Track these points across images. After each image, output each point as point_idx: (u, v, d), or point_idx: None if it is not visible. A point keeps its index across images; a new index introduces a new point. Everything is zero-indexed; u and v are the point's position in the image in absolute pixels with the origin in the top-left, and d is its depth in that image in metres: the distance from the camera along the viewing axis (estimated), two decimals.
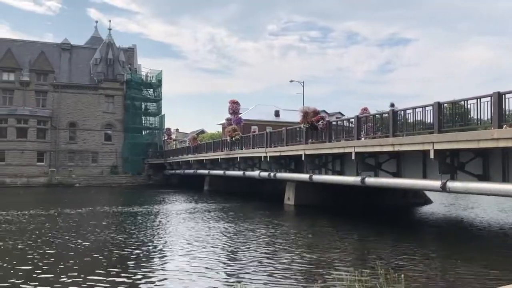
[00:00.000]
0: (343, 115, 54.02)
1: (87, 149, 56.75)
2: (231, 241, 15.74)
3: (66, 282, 10.25)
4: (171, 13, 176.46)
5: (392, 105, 22.08)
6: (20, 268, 11.47)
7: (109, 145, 57.92)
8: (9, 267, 11.55)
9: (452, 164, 15.75)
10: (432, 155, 14.92)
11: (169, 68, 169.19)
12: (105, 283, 10.20)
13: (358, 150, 19.16)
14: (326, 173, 24.52)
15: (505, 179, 14.61)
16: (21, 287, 9.88)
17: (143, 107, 61.71)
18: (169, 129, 67.52)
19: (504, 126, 12.67)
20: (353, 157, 19.49)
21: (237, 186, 38.65)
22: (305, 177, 24.70)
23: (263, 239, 16.09)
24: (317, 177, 23.78)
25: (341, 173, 23.69)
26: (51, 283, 10.17)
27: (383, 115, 18.68)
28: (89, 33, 67.32)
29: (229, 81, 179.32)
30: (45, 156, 54.02)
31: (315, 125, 22.36)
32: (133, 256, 13.26)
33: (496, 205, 28.75)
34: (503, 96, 12.62)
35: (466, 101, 13.99)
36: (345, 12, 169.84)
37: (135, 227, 19.24)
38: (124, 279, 10.57)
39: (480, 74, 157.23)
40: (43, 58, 56.14)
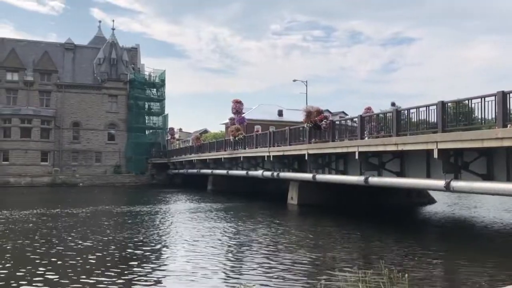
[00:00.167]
0: (346, 115, 53.83)
1: (90, 149, 56.90)
2: (234, 241, 15.74)
3: (68, 281, 10.25)
4: (174, 13, 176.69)
5: (393, 104, 22.04)
6: (22, 267, 11.48)
7: (113, 144, 58.06)
8: (12, 267, 11.56)
9: (456, 163, 15.70)
10: (436, 155, 14.87)
11: (172, 67, 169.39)
12: (107, 283, 10.20)
13: (361, 149, 19.12)
14: (329, 173, 24.48)
15: (510, 179, 14.52)
16: (24, 286, 9.89)
17: (147, 106, 61.84)
18: (172, 129, 67.59)
19: (508, 125, 12.61)
20: (356, 157, 19.45)
21: (240, 185, 38.66)
22: (308, 176, 24.67)
23: (266, 239, 16.08)
24: (321, 177, 23.74)
25: (344, 173, 23.66)
26: (53, 282, 10.19)
27: (387, 115, 18.63)
28: (93, 33, 67.53)
29: (232, 80, 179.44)
30: (48, 155, 54.19)
31: (319, 125, 22.32)
32: (135, 255, 13.28)
33: (500, 204, 28.66)
34: (508, 95, 12.56)
35: (470, 100, 13.93)
36: (348, 11, 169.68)
37: (138, 226, 19.26)
38: (126, 279, 10.57)
39: (484, 73, 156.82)
40: (47, 58, 56.32)
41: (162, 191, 43.53)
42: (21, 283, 10.09)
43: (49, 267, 11.59)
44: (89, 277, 10.54)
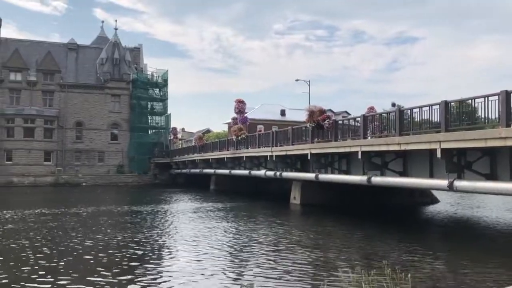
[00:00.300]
0: (349, 114, 53.81)
1: (93, 149, 57.01)
2: (236, 241, 15.74)
3: (70, 281, 10.25)
4: (177, 13, 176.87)
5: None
6: (24, 267, 11.50)
7: (116, 144, 58.15)
8: (14, 267, 11.58)
9: (459, 163, 15.66)
10: (439, 154, 14.83)
11: (175, 67, 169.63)
12: (108, 283, 10.20)
13: (364, 149, 19.09)
14: (332, 172, 24.45)
15: None
16: (26, 286, 9.91)
17: (149, 106, 61.91)
18: (175, 129, 67.61)
19: None
20: (359, 156, 19.42)
21: (243, 185, 38.67)
22: (311, 176, 24.65)
23: (269, 239, 16.07)
24: (323, 176, 23.71)
25: (347, 172, 23.63)
26: (54, 282, 10.18)
27: (390, 114, 18.59)
28: (95, 33, 67.63)
29: (235, 80, 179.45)
30: (52, 155, 54.32)
31: (321, 124, 22.29)
32: (137, 255, 13.28)
33: (503, 204, 28.59)
34: (511, 94, 12.52)
35: (473, 100, 13.89)
36: (352, 10, 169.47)
37: (140, 226, 19.28)
38: (127, 279, 10.56)
39: (488, 72, 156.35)
40: (50, 58, 56.45)
41: (164, 190, 43.58)
42: (22, 283, 10.10)
43: (51, 267, 11.62)
44: (91, 277, 10.55)
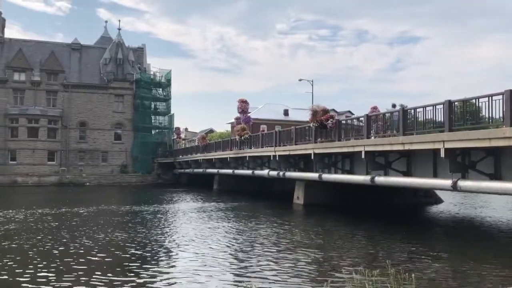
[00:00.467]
0: (352, 114, 53.79)
1: (97, 149, 57.16)
2: (239, 241, 15.72)
3: (72, 281, 10.26)
4: (179, 12, 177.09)
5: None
6: (26, 267, 11.52)
7: (119, 144, 58.28)
8: (16, 267, 11.61)
9: (463, 163, 15.61)
10: (442, 154, 14.79)
11: (178, 67, 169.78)
12: (110, 283, 10.20)
13: (368, 149, 19.04)
14: (335, 172, 24.42)
15: None
16: (28, 286, 9.92)
17: (153, 106, 62.02)
18: (178, 128, 67.72)
19: None
20: (363, 156, 19.38)
21: (246, 185, 38.67)
22: (314, 176, 24.62)
23: (272, 239, 16.05)
24: (327, 176, 23.68)
25: (350, 172, 23.59)
26: (56, 282, 10.18)
27: (393, 114, 18.54)
28: (99, 33, 67.84)
29: (238, 80, 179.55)
30: (55, 155, 54.51)
31: (325, 124, 22.26)
32: (140, 255, 13.29)
33: (507, 204, 28.49)
34: None
35: (477, 99, 13.83)
36: (355, 10, 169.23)
37: (143, 226, 19.29)
38: (129, 279, 10.55)
39: (492, 72, 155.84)
40: (54, 58, 56.63)
41: (168, 190, 43.63)
42: (24, 282, 10.12)
43: (54, 267, 11.62)
44: (92, 277, 10.54)
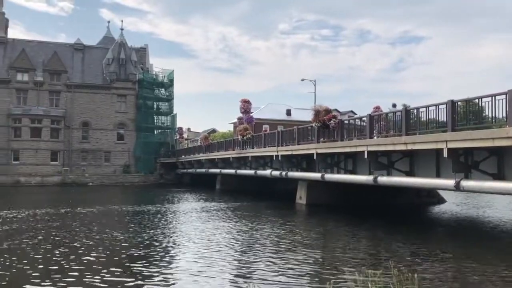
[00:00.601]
0: (355, 114, 53.71)
1: (100, 149, 57.24)
2: (242, 241, 15.73)
3: (74, 281, 10.26)
4: (182, 12, 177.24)
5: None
6: (28, 267, 11.53)
7: (122, 144, 58.35)
8: (18, 267, 11.63)
9: (466, 162, 15.56)
10: (445, 154, 14.75)
11: (180, 67, 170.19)
12: (112, 283, 10.21)
13: (370, 149, 19.01)
14: (338, 172, 24.38)
15: None
16: (30, 286, 9.93)
17: (155, 106, 62.08)
18: (181, 128, 67.74)
19: None
20: (365, 156, 19.35)
21: (248, 185, 38.66)
22: (317, 176, 24.59)
23: (274, 239, 16.04)
24: (329, 176, 23.65)
25: (353, 172, 23.55)
26: (59, 282, 10.19)
27: (396, 114, 18.51)
28: (101, 33, 67.98)
29: (240, 80, 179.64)
30: (58, 155, 54.61)
31: (327, 124, 22.23)
32: (142, 255, 13.28)
33: (509, 204, 28.40)
34: None
35: (480, 99, 13.79)
36: (357, 10, 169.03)
37: (145, 226, 19.30)
38: (131, 279, 10.53)
39: (494, 71, 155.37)
40: (56, 58, 56.74)
41: (170, 190, 43.66)
42: (25, 283, 10.12)
43: (56, 267, 11.64)
44: (94, 277, 10.54)
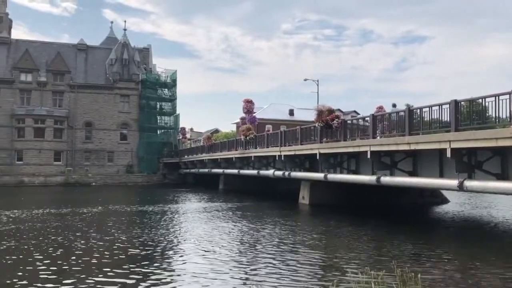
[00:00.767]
0: (358, 114, 53.64)
1: (103, 149, 57.35)
2: (244, 241, 15.71)
3: (76, 281, 10.26)
4: (184, 13, 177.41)
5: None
6: (30, 267, 11.57)
7: (125, 144, 58.44)
8: (20, 267, 11.64)
9: (469, 162, 15.53)
10: (449, 154, 14.72)
11: (183, 67, 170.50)
12: (114, 283, 10.20)
13: (373, 149, 18.99)
14: (341, 172, 24.36)
15: None
16: (31, 285, 9.95)
17: (158, 106, 62.12)
18: (183, 129, 67.82)
19: None
20: (368, 156, 19.33)
21: (251, 185, 38.66)
22: (320, 176, 24.57)
23: (277, 239, 16.02)
24: (332, 176, 23.62)
25: (356, 172, 23.52)
26: (60, 282, 10.20)
27: (399, 114, 18.47)
28: (105, 34, 68.02)
29: (243, 80, 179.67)
30: (62, 155, 54.74)
31: (330, 124, 22.21)
32: (144, 255, 13.29)
33: None
34: None
35: (484, 99, 13.76)
36: (360, 9, 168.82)
37: (148, 226, 19.31)
38: (132, 279, 10.53)
39: (498, 71, 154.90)
40: (60, 58, 56.87)
41: (173, 190, 43.69)
42: (27, 282, 10.14)
43: (57, 267, 11.65)
44: (96, 277, 10.54)
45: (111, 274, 10.90)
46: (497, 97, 13.06)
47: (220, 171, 42.03)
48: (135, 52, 61.27)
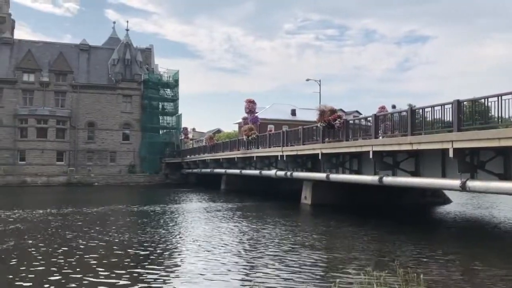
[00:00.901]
0: (360, 114, 53.56)
1: (105, 149, 57.42)
2: (246, 241, 15.70)
3: (77, 281, 10.27)
4: (187, 13, 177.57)
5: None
6: (31, 267, 11.58)
7: (127, 144, 58.51)
8: (23, 266, 11.67)
9: (472, 163, 15.49)
10: (451, 154, 14.68)
11: (185, 67, 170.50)
12: (115, 283, 10.21)
13: (376, 149, 18.96)
14: (343, 172, 24.33)
15: None
16: (33, 285, 9.96)
17: (160, 106, 62.18)
18: (186, 129, 67.87)
19: None
20: (370, 156, 19.30)
21: (253, 185, 38.66)
22: (322, 176, 24.55)
23: (279, 239, 16.01)
24: (334, 176, 23.60)
25: (358, 172, 23.50)
26: (61, 282, 10.21)
27: (401, 114, 18.44)
28: (107, 34, 68.13)
29: (245, 80, 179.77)
30: (64, 155, 54.83)
31: (332, 124, 22.19)
32: (145, 255, 13.29)
33: None
34: None
35: (486, 99, 13.72)
36: (362, 9, 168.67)
37: (150, 226, 19.32)
38: (133, 279, 10.53)
39: (500, 71, 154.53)
40: (62, 59, 56.96)
41: (175, 190, 43.71)
42: (28, 282, 10.17)
43: (58, 266, 11.65)
44: (97, 277, 10.56)
45: (111, 274, 10.90)
46: (499, 97, 13.02)
47: (222, 171, 42.04)
48: (137, 52, 61.33)
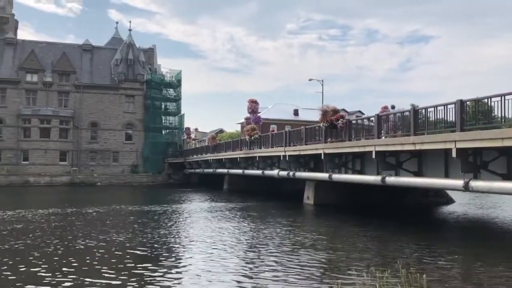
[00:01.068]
0: (363, 114, 53.47)
1: (108, 149, 57.53)
2: (248, 241, 15.71)
3: (78, 281, 10.28)
4: (189, 13, 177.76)
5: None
6: (32, 267, 11.59)
7: (130, 144, 58.61)
8: (24, 266, 11.69)
9: (475, 163, 15.45)
10: (454, 154, 14.66)
11: (188, 68, 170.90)
12: (116, 283, 10.21)
13: (378, 149, 18.94)
14: (346, 172, 24.30)
15: None
16: (33, 285, 9.97)
17: (163, 106, 62.27)
18: (188, 129, 67.91)
19: None
20: (373, 156, 19.28)
21: (256, 185, 38.67)
22: (324, 176, 24.52)
23: (282, 239, 16.01)
24: (337, 176, 23.58)
25: (361, 172, 23.47)
26: (62, 282, 10.23)
27: (404, 114, 18.41)
28: (110, 34, 68.20)
29: (248, 80, 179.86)
30: (67, 155, 54.97)
31: (335, 124, 22.17)
32: (147, 255, 13.30)
33: None
34: None
35: (489, 99, 13.69)
36: (365, 9, 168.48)
37: (152, 226, 19.33)
38: (134, 279, 10.52)
39: (503, 71, 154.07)
40: (65, 59, 57.11)
41: (178, 190, 43.76)
42: (29, 282, 10.17)
43: (59, 266, 11.66)
44: (97, 277, 10.55)
45: (112, 274, 10.90)
46: (503, 97, 12.98)
47: (224, 171, 42.05)
48: (140, 52, 61.43)
